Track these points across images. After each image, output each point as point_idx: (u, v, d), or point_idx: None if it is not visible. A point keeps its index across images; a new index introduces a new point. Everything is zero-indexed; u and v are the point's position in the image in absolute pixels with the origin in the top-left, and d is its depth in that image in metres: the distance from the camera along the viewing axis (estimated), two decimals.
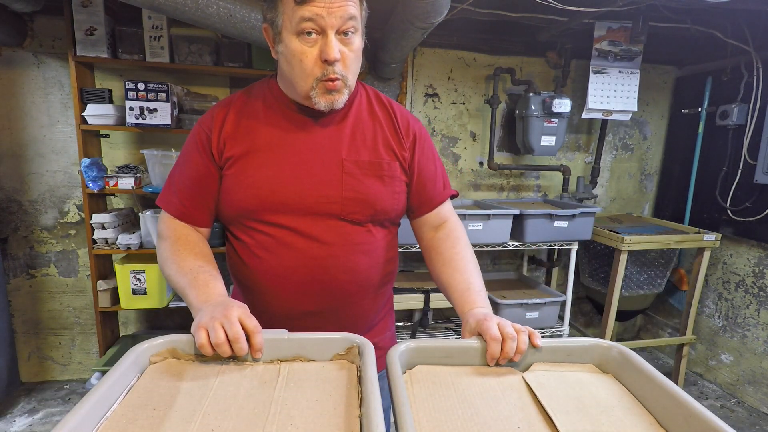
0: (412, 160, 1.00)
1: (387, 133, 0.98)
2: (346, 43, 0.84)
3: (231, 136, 0.93)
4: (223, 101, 0.98)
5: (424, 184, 1.03)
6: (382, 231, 1.00)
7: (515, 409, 0.64)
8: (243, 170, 0.92)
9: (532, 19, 2.31)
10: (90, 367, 2.58)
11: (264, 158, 0.92)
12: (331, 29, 0.81)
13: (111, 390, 0.61)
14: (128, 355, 0.68)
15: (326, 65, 0.83)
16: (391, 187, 0.97)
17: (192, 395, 0.63)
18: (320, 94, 0.86)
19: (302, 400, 0.63)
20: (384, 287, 1.05)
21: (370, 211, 0.94)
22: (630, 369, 0.71)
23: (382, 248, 1.00)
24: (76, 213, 2.43)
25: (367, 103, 1.00)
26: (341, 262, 0.94)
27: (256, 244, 0.93)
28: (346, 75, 0.86)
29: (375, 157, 0.95)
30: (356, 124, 0.96)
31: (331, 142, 0.94)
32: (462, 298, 0.91)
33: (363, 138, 0.96)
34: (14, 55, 2.22)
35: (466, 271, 0.96)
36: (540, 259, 2.97)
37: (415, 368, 0.73)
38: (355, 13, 0.83)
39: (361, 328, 1.02)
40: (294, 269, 0.93)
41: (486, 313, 0.83)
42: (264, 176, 0.91)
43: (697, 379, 2.87)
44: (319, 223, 0.92)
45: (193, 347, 0.72)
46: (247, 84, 2.43)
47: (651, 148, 3.08)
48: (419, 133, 1.02)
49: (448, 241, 1.02)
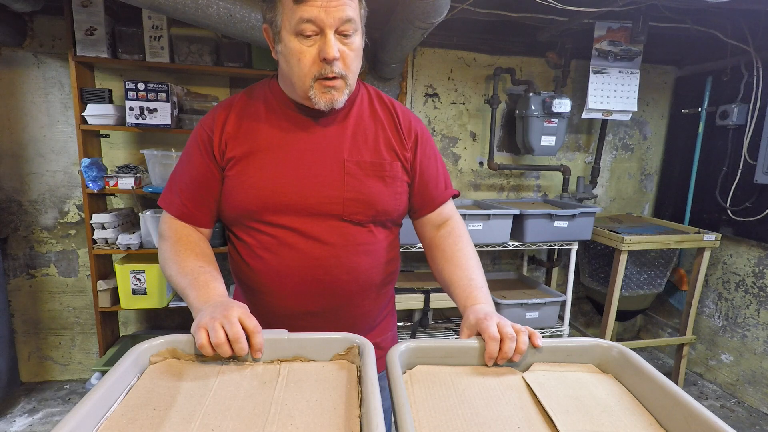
0: (414, 160, 1.00)
1: (389, 133, 0.98)
2: (345, 43, 0.84)
3: (232, 137, 0.93)
4: (224, 102, 0.98)
5: (426, 185, 1.03)
6: (384, 231, 1.00)
7: (515, 408, 0.64)
8: (244, 171, 0.92)
9: (532, 19, 2.32)
10: (90, 367, 2.59)
11: (265, 159, 0.92)
12: (330, 29, 0.81)
13: (111, 390, 0.61)
14: (128, 355, 0.68)
15: (325, 64, 0.83)
16: (392, 187, 0.97)
17: (192, 395, 0.63)
18: (319, 93, 0.86)
19: (302, 400, 0.63)
20: (385, 287, 1.05)
21: (372, 211, 0.94)
22: (630, 369, 0.71)
23: (384, 249, 1.00)
24: (76, 213, 2.43)
25: (369, 103, 0.99)
26: (343, 263, 0.94)
27: (258, 244, 0.94)
28: (346, 74, 0.86)
29: (377, 158, 0.95)
30: (358, 124, 0.96)
31: (333, 142, 0.93)
32: (464, 294, 0.91)
33: (364, 138, 0.95)
34: (14, 55, 2.22)
35: (468, 267, 0.96)
36: (540, 259, 2.97)
37: (415, 368, 0.73)
38: (353, 14, 0.83)
39: (362, 328, 1.02)
40: (296, 269, 0.93)
41: (487, 311, 0.83)
42: (266, 177, 0.91)
43: (697, 379, 2.87)
44: (321, 224, 0.92)
45: (193, 347, 0.72)
46: (247, 84, 2.45)
47: (651, 148, 3.08)
48: (421, 133, 1.01)
49: (450, 239, 1.03)
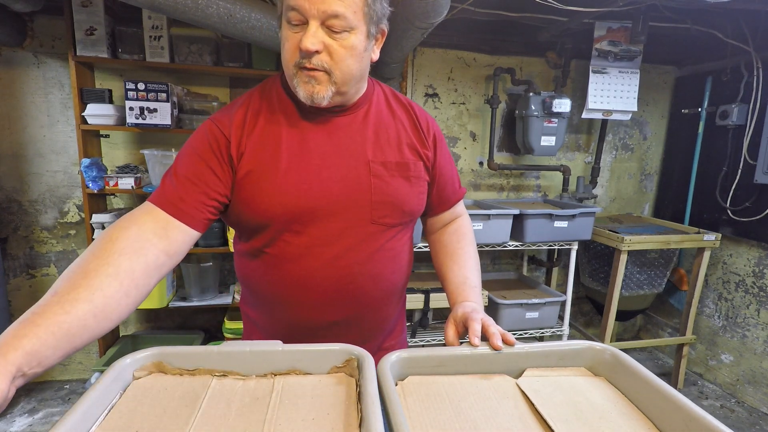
0: (435, 159, 0.98)
1: (409, 132, 0.95)
2: (335, 38, 0.79)
3: (251, 140, 0.86)
4: (238, 101, 0.91)
5: (445, 184, 1.02)
6: (407, 234, 0.99)
7: (513, 419, 0.62)
8: (265, 176, 0.84)
9: (532, 19, 2.31)
10: (90, 367, 2.59)
11: (287, 164, 0.85)
12: (313, 19, 0.77)
13: (90, 411, 0.56)
14: (110, 371, 0.63)
15: (301, 54, 0.80)
16: (417, 187, 0.95)
17: (179, 415, 0.59)
18: (301, 82, 0.82)
19: (297, 419, 0.59)
20: (404, 290, 1.06)
21: (400, 213, 0.92)
22: (623, 371, 0.70)
23: (406, 252, 0.99)
24: (76, 213, 2.43)
25: (386, 102, 0.97)
26: (368, 270, 0.91)
27: (282, 254, 0.88)
28: (330, 69, 0.80)
29: (401, 158, 0.92)
30: (378, 123, 0.93)
31: (355, 142, 0.89)
32: (456, 291, 0.92)
33: (387, 138, 0.92)
34: (14, 55, 2.22)
35: (466, 266, 0.97)
36: (540, 259, 2.97)
37: (407, 379, 0.70)
38: (342, 11, 0.77)
39: (382, 333, 1.02)
40: (321, 280, 0.89)
41: (475, 307, 0.84)
42: (290, 182, 0.85)
43: (697, 379, 2.87)
44: (348, 230, 0.88)
45: (180, 359, 0.67)
46: (247, 84, 2.45)
47: (651, 148, 3.08)
48: (437, 133, 1.00)
49: (454, 236, 1.04)
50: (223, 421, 0.58)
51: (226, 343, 0.72)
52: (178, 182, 0.81)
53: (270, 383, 0.67)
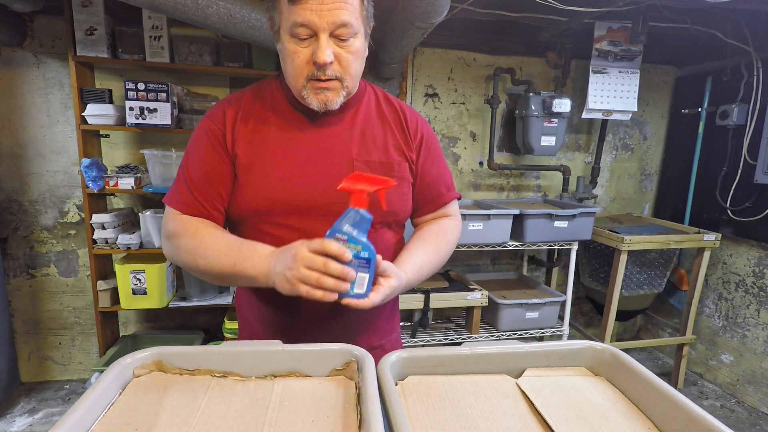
0: (417, 160, 1.00)
1: (396, 133, 0.98)
2: (342, 46, 0.83)
3: (241, 135, 0.91)
4: (230, 99, 0.95)
5: (429, 187, 1.03)
6: (389, 233, 1.00)
7: (513, 419, 0.62)
8: (252, 170, 0.90)
9: (532, 19, 2.31)
10: (90, 367, 2.59)
11: (274, 158, 0.90)
12: (323, 32, 0.80)
13: (91, 408, 0.57)
14: (111, 369, 0.64)
15: (317, 66, 0.82)
16: (400, 188, 0.96)
17: (178, 414, 0.59)
18: (312, 93, 0.85)
19: (297, 421, 0.59)
20: None
21: (380, 211, 0.93)
22: (623, 371, 0.70)
23: (390, 250, 1.00)
24: (76, 213, 2.43)
25: (376, 104, 0.99)
26: None
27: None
28: (342, 76, 0.85)
29: (386, 158, 0.95)
30: (365, 124, 0.96)
31: (341, 141, 0.93)
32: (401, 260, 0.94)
33: (373, 138, 0.95)
34: (14, 55, 2.22)
35: (426, 251, 0.98)
36: (540, 259, 2.97)
37: (407, 379, 0.71)
38: (349, 18, 0.80)
39: (368, 330, 1.02)
40: None
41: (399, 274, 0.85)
42: (275, 177, 0.89)
43: (697, 379, 2.87)
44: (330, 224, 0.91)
45: (180, 359, 0.68)
46: (247, 84, 2.43)
47: (651, 148, 3.08)
48: (427, 135, 1.02)
49: (434, 226, 1.05)
50: (222, 422, 0.58)
51: (226, 343, 0.72)
52: (194, 188, 0.90)
53: (270, 384, 0.68)
